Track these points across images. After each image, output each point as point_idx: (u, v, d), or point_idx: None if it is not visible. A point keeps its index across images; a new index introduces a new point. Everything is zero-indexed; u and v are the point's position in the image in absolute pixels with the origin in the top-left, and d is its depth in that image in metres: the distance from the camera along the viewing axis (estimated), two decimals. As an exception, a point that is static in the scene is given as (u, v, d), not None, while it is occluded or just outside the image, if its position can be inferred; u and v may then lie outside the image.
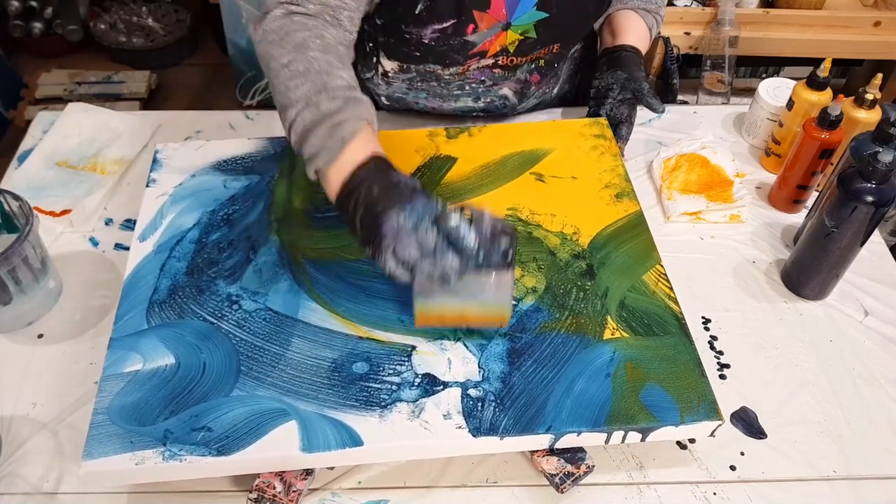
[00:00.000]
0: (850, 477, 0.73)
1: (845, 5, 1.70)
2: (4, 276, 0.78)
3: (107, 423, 0.66)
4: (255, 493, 0.68)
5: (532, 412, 0.67)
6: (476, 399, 0.68)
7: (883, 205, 0.78)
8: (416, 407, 0.68)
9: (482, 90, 1.03)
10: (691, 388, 0.70)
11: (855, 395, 0.80)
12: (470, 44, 0.94)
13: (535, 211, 0.86)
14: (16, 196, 0.83)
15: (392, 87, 1.05)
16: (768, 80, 1.06)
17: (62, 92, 2.29)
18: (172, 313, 0.75)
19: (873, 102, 0.93)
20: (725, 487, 0.72)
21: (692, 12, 1.68)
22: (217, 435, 0.65)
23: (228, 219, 0.85)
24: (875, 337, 0.85)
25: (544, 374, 0.70)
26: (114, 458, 0.64)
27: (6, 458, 0.73)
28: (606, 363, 0.71)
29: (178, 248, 0.82)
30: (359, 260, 0.80)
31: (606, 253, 0.81)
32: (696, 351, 0.73)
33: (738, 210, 0.97)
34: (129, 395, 0.69)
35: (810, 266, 0.86)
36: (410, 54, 0.97)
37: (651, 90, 0.96)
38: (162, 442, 0.65)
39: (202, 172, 0.91)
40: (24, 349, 0.82)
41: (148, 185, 0.89)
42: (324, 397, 0.68)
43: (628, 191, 0.88)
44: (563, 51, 1.03)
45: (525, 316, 0.75)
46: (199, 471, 0.65)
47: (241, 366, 0.71)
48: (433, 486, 0.72)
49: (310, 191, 0.88)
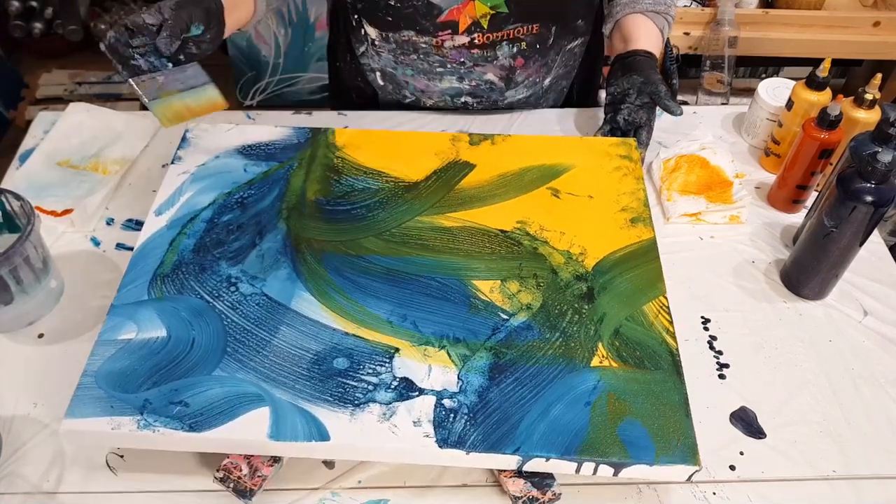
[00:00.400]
0: (850, 477, 0.73)
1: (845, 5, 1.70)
2: (6, 275, 0.79)
3: (93, 386, 0.69)
4: (222, 472, 0.69)
5: (503, 431, 0.66)
6: (449, 410, 0.68)
7: (882, 205, 0.78)
8: (388, 409, 0.68)
9: (464, 71, 1.04)
10: (672, 429, 0.67)
11: (855, 395, 0.80)
12: (435, 7, 0.96)
13: (545, 227, 0.84)
14: (17, 196, 0.83)
15: (382, 60, 1.07)
16: (768, 80, 1.06)
17: (63, 92, 2.29)
18: (173, 288, 0.77)
19: (872, 102, 0.93)
20: (725, 487, 0.73)
21: (692, 12, 1.68)
22: (192, 411, 0.67)
23: (242, 202, 0.86)
24: (875, 337, 0.85)
25: (523, 393, 0.69)
26: (92, 419, 0.67)
27: (7, 458, 0.73)
28: (589, 391, 0.69)
29: (190, 225, 0.84)
30: (360, 256, 0.80)
31: (610, 278, 0.79)
32: (686, 391, 0.70)
33: (738, 211, 0.97)
34: (118, 361, 0.71)
35: (810, 266, 0.86)
36: (384, 19, 1.00)
37: (668, 93, 0.95)
38: (140, 411, 0.67)
39: (226, 155, 0.93)
40: (24, 349, 0.82)
41: (172, 163, 0.91)
42: (300, 388, 0.69)
43: (645, 216, 0.85)
44: (544, 32, 1.02)
45: (514, 332, 0.74)
46: (169, 443, 0.67)
47: (228, 347, 0.72)
48: (433, 485, 0.72)
49: (325, 182, 0.89)
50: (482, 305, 0.76)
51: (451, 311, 0.75)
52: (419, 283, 0.78)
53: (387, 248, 0.81)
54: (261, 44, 2.24)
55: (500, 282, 0.78)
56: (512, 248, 0.82)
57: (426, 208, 0.86)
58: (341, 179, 0.89)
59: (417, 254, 0.80)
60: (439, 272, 0.79)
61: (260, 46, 2.24)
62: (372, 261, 0.80)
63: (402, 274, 0.78)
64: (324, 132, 0.95)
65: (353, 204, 0.86)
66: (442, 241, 0.82)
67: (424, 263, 0.79)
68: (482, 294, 0.77)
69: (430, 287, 0.77)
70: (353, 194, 0.88)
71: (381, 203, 0.86)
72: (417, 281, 0.78)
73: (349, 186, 0.88)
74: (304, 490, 0.72)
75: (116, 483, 0.72)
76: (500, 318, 0.75)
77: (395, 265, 0.79)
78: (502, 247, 0.82)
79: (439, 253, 0.81)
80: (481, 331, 0.74)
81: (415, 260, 0.80)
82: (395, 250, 0.81)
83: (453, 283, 0.78)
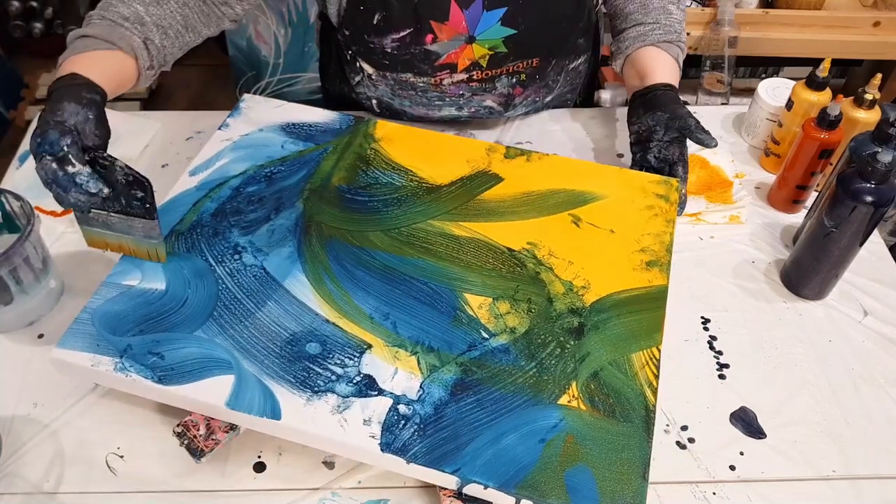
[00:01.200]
0: (850, 477, 0.74)
1: (845, 5, 1.70)
2: (6, 275, 0.79)
3: (88, 322, 0.72)
4: (181, 427, 0.71)
5: (448, 449, 0.65)
6: (402, 416, 0.67)
7: (882, 205, 0.78)
8: (343, 403, 0.68)
9: (463, 102, 1.03)
10: (624, 487, 0.63)
11: (854, 395, 0.80)
12: (433, 53, 0.95)
13: (555, 253, 0.81)
14: (17, 196, 0.83)
15: (378, 91, 1.05)
16: (768, 80, 1.06)
17: (62, 92, 2.28)
18: (184, 246, 0.80)
19: (872, 102, 0.93)
20: (725, 487, 0.73)
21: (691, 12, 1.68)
22: (165, 364, 0.70)
23: (271, 177, 0.89)
24: (874, 337, 0.85)
25: (480, 416, 0.67)
26: (79, 353, 0.70)
27: (7, 458, 0.73)
28: (547, 428, 0.66)
29: (217, 190, 0.87)
30: (362, 248, 0.81)
31: (606, 318, 0.75)
32: (649, 452, 0.65)
33: (738, 211, 0.97)
34: (116, 304, 0.74)
35: (810, 266, 0.86)
36: (380, 62, 0.99)
37: (699, 125, 0.90)
38: (120, 354, 0.70)
39: (269, 129, 0.95)
40: (24, 349, 0.82)
41: (220, 129, 0.95)
42: (268, 364, 0.70)
43: (663, 262, 0.80)
44: (544, 63, 1.01)
45: (490, 353, 0.72)
46: (137, 389, 0.70)
47: (215, 311, 0.74)
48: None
49: (352, 171, 0.90)
50: (466, 320, 0.74)
51: (433, 318, 0.74)
52: (411, 286, 0.77)
53: (390, 244, 0.81)
54: (261, 44, 2.24)
55: (492, 300, 0.76)
56: (514, 268, 0.80)
57: (441, 213, 0.85)
58: (368, 171, 0.90)
59: (418, 256, 0.80)
60: (434, 278, 0.78)
61: (260, 46, 2.24)
62: (372, 255, 0.80)
63: (397, 273, 0.78)
64: (366, 121, 0.96)
65: (371, 196, 0.87)
66: (446, 249, 0.81)
67: (422, 267, 0.79)
68: (470, 308, 0.75)
69: (421, 291, 0.77)
70: (374, 187, 0.88)
71: (398, 200, 0.86)
72: (410, 283, 0.78)
73: (373, 179, 0.89)
74: (304, 490, 0.72)
75: (116, 483, 0.72)
76: (479, 336, 0.73)
77: (393, 263, 0.79)
78: (505, 265, 0.80)
79: (440, 259, 0.80)
80: (457, 344, 0.72)
81: (413, 261, 0.80)
82: (397, 248, 0.81)
83: (444, 292, 0.77)
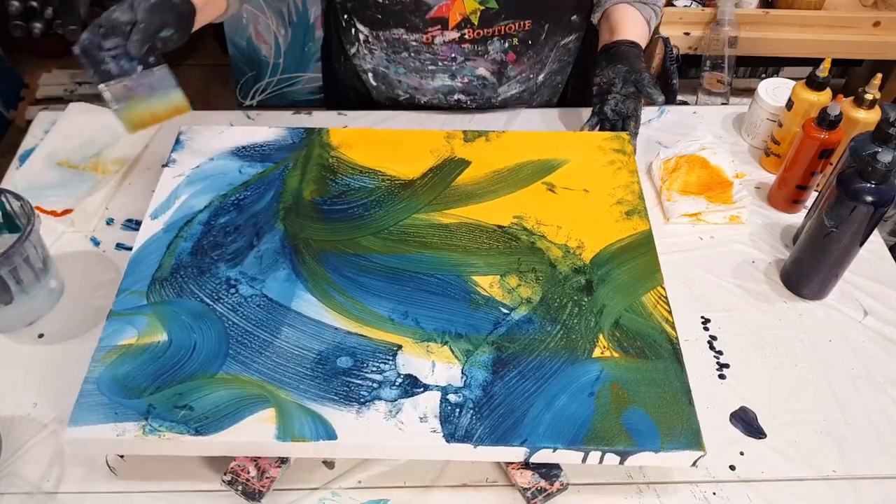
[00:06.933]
0: (850, 477, 0.74)
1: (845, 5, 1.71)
2: (6, 275, 0.79)
3: (95, 393, 0.68)
4: (230, 475, 0.69)
5: (509, 423, 0.67)
6: (454, 405, 0.68)
7: (882, 205, 0.78)
8: (393, 406, 0.68)
9: (455, 67, 1.05)
10: (676, 416, 0.68)
11: (854, 395, 0.80)
12: (423, 3, 0.97)
13: (542, 221, 0.85)
14: (17, 196, 0.83)
15: (374, 59, 1.08)
16: (768, 80, 1.06)
17: (62, 92, 2.29)
18: (172, 292, 0.77)
19: (873, 102, 0.93)
20: (725, 487, 0.73)
21: (691, 12, 1.68)
22: (197, 414, 0.67)
23: (239, 204, 0.86)
24: (874, 337, 0.85)
25: (527, 386, 0.70)
26: (98, 426, 0.66)
27: (6, 458, 0.73)
28: (591, 382, 0.70)
29: (186, 228, 0.84)
30: (359, 255, 0.80)
31: (608, 270, 0.80)
32: (687, 378, 0.71)
33: (738, 211, 0.97)
34: (120, 367, 0.70)
35: (810, 266, 0.86)
36: (374, 17, 1.01)
37: (651, 80, 0.95)
38: (144, 416, 0.67)
39: (220, 157, 0.93)
40: (24, 349, 0.82)
41: (167, 165, 0.91)
42: (305, 388, 0.69)
43: (640, 209, 0.86)
44: (537, 28, 1.03)
45: (516, 326, 0.74)
46: (175, 448, 0.67)
47: (230, 349, 0.72)
48: (433, 485, 0.72)
49: (321, 182, 0.89)
50: (483, 301, 0.76)
51: (452, 307, 0.76)
52: (419, 280, 0.78)
53: (385, 246, 0.81)
54: (261, 44, 2.24)
55: (500, 277, 0.79)
56: (510, 243, 0.82)
57: (423, 206, 0.86)
58: (337, 179, 0.89)
59: (416, 251, 0.81)
60: (439, 269, 0.79)
61: (260, 46, 2.24)
62: (371, 259, 0.80)
63: (401, 271, 0.79)
64: (318, 132, 0.95)
65: (349, 203, 0.86)
66: (440, 238, 0.82)
67: (423, 260, 0.80)
68: (482, 289, 0.77)
69: (430, 284, 0.78)
70: (349, 193, 0.88)
71: (377, 202, 0.86)
72: (417, 278, 0.78)
73: (345, 186, 0.89)
74: (304, 490, 0.72)
75: (116, 483, 0.72)
76: (500, 313, 0.75)
77: (395, 263, 0.79)
78: (500, 242, 0.82)
79: (438, 250, 0.81)
80: (483, 326, 0.74)
81: (414, 257, 0.80)
82: (393, 248, 0.81)
83: (453, 280, 0.78)
